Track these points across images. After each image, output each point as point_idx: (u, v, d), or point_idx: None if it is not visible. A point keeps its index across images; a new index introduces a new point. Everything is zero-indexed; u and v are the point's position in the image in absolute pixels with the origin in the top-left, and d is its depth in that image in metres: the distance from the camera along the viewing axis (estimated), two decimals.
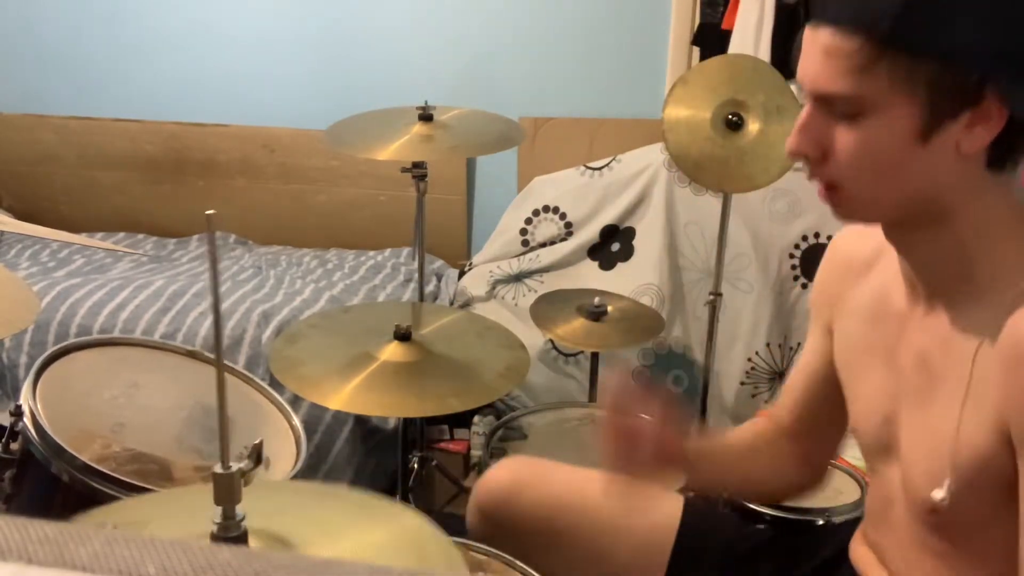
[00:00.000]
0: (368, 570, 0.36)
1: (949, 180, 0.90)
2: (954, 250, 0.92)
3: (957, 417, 0.90)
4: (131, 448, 1.43)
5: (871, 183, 0.90)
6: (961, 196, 0.90)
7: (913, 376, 0.98)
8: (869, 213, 0.95)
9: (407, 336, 1.67)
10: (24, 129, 3.24)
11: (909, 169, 0.89)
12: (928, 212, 0.91)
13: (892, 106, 0.86)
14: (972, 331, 0.91)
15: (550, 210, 2.74)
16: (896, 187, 0.90)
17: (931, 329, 0.96)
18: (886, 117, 0.86)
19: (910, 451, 0.99)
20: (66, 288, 2.49)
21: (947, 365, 0.93)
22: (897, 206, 0.92)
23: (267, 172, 3.14)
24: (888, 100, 0.86)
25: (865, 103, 0.86)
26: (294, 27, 3.06)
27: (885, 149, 0.88)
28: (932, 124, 0.86)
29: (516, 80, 2.97)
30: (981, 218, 0.91)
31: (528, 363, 1.73)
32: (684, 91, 2.03)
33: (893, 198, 0.91)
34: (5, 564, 0.34)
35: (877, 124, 0.87)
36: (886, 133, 0.87)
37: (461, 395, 1.61)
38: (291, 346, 1.72)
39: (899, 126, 0.86)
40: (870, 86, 0.85)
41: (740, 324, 2.53)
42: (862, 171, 0.90)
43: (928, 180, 0.89)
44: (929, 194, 0.90)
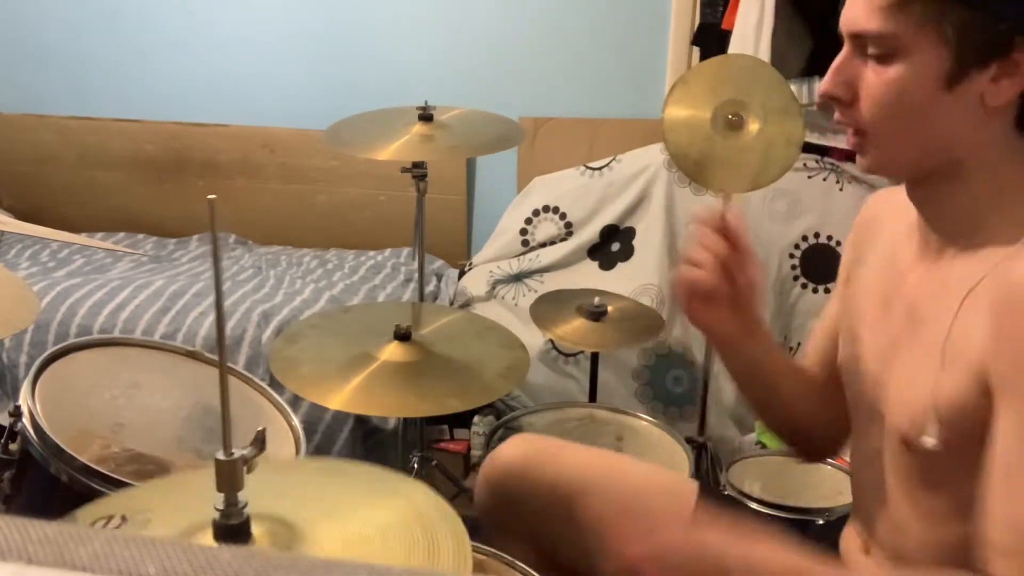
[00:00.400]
0: (368, 570, 0.36)
1: (972, 133, 0.91)
2: (968, 206, 0.93)
3: (937, 362, 0.92)
4: (130, 448, 1.43)
5: (895, 127, 0.92)
6: (983, 152, 0.91)
7: (902, 326, 1.00)
8: (892, 161, 0.96)
9: (407, 336, 1.67)
10: (24, 129, 3.25)
11: (933, 115, 0.90)
12: (949, 165, 0.93)
13: (921, 48, 0.88)
14: (962, 280, 0.92)
15: (550, 210, 2.74)
16: (919, 133, 0.92)
17: (924, 282, 0.98)
18: (915, 59, 0.88)
19: (896, 399, 1.00)
20: (66, 288, 2.49)
21: (933, 313, 0.95)
22: (919, 154, 0.93)
23: (267, 172, 3.14)
24: (918, 41, 0.88)
25: (896, 42, 0.89)
26: (294, 27, 3.06)
27: (911, 91, 0.90)
28: (958, 71, 0.88)
29: (516, 80, 2.97)
30: (1001, 177, 0.92)
31: (528, 363, 1.74)
32: (684, 91, 2.03)
33: (916, 145, 0.93)
34: (5, 564, 0.34)
35: (905, 66, 0.89)
36: (913, 75, 0.89)
37: (461, 395, 1.61)
38: (291, 346, 1.72)
39: (926, 69, 0.88)
40: (902, 25, 0.88)
41: None
42: (887, 113, 0.92)
43: (951, 129, 0.91)
44: (951, 144, 0.92)
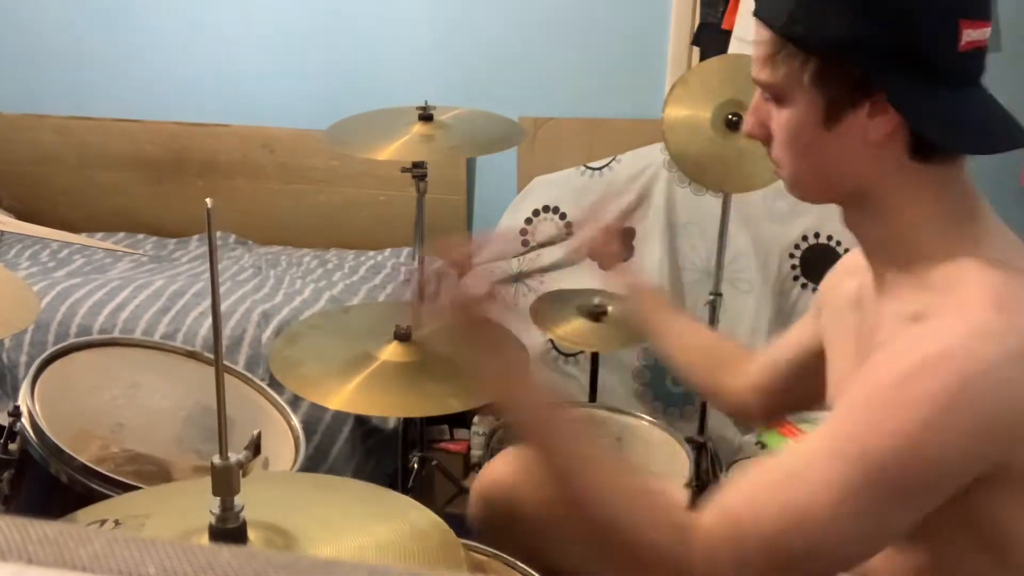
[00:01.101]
0: (368, 570, 0.36)
1: (866, 166, 0.94)
2: (889, 235, 0.96)
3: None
4: (130, 449, 1.43)
5: (795, 162, 0.98)
6: (883, 183, 0.94)
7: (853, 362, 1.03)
8: (804, 190, 1.01)
9: (407, 336, 1.67)
10: (24, 129, 3.25)
11: (823, 152, 0.95)
12: (857, 197, 0.97)
13: (796, 94, 0.94)
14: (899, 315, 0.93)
15: (550, 210, 2.74)
16: (815, 168, 0.97)
17: (876, 315, 1.00)
18: (795, 103, 0.94)
19: None
20: (66, 288, 2.49)
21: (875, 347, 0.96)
22: (829, 187, 0.99)
23: (267, 172, 3.14)
24: (792, 88, 0.94)
25: (778, 90, 0.95)
26: (294, 27, 3.06)
27: (799, 132, 0.95)
28: (831, 112, 0.92)
29: (516, 80, 2.97)
30: (911, 203, 0.94)
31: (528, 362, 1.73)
32: (684, 91, 2.03)
33: (815, 178, 0.99)
34: (5, 564, 0.34)
35: (790, 109, 0.95)
36: (797, 118, 0.95)
37: (461, 395, 1.60)
38: (291, 346, 1.72)
39: (805, 112, 0.94)
40: (777, 75, 0.94)
41: (740, 324, 2.53)
42: (787, 151, 0.98)
43: (844, 163, 0.95)
44: (848, 177, 0.96)
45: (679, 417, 2.59)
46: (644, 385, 2.60)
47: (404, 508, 0.86)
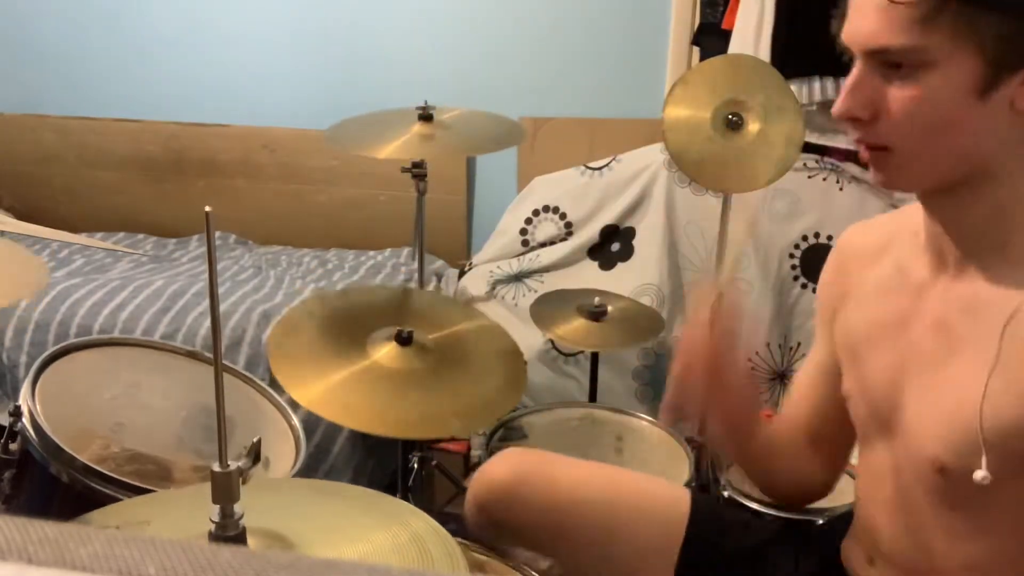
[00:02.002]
0: (368, 570, 0.36)
1: (1001, 139, 0.89)
2: (993, 215, 0.92)
3: (981, 385, 0.90)
4: (130, 448, 1.43)
5: (926, 141, 0.89)
6: (1010, 157, 0.90)
7: (927, 344, 0.98)
8: (920, 175, 0.93)
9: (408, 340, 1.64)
10: (24, 129, 3.25)
11: (966, 126, 0.88)
12: (975, 173, 0.91)
13: (953, 59, 0.85)
14: (1003, 299, 0.90)
15: (550, 210, 2.74)
16: (951, 145, 0.89)
17: (956, 296, 0.96)
18: (946, 71, 0.86)
19: (918, 418, 0.98)
20: (66, 288, 2.49)
21: (971, 331, 0.93)
22: (948, 167, 0.91)
23: (267, 172, 3.14)
24: (950, 53, 0.85)
25: (926, 56, 0.86)
26: (294, 27, 3.06)
27: (943, 104, 0.87)
28: (992, 78, 0.86)
29: (516, 80, 2.97)
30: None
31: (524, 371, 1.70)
32: (684, 91, 2.03)
33: (946, 157, 0.90)
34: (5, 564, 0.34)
35: (936, 78, 0.86)
36: (945, 88, 0.86)
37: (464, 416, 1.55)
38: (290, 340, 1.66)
39: (959, 80, 0.86)
40: (933, 37, 0.85)
41: (740, 324, 2.53)
42: (918, 128, 0.89)
43: (983, 138, 0.89)
44: (981, 153, 0.90)
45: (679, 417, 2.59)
46: (644, 385, 2.60)
47: (403, 513, 0.86)
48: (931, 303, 0.99)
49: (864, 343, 1.08)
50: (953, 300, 0.96)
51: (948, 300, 0.97)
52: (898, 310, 1.03)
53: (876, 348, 1.06)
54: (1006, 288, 0.90)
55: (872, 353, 1.07)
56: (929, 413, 0.97)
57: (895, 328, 1.03)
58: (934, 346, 0.97)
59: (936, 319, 0.98)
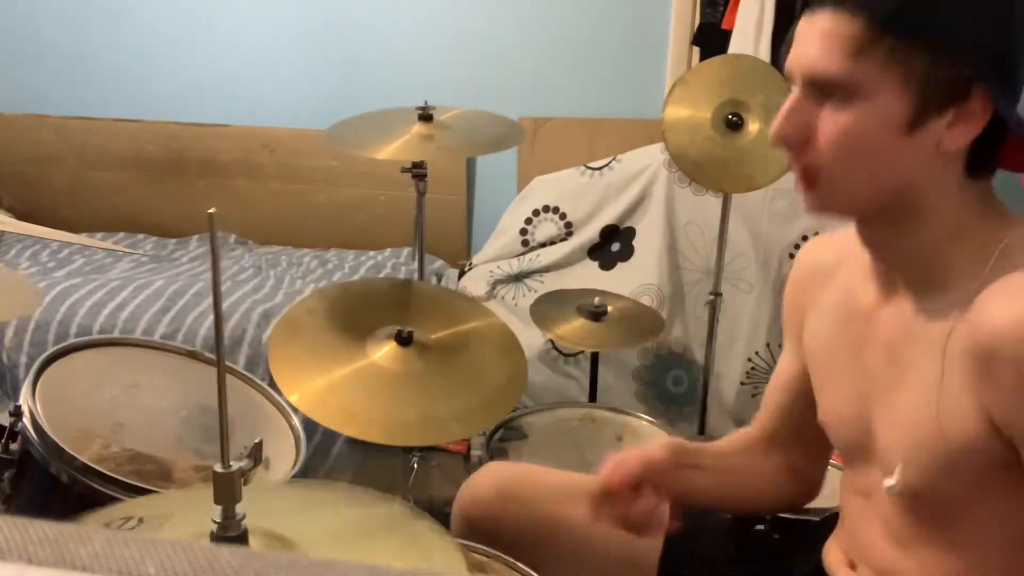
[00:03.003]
0: (368, 570, 0.36)
1: (925, 176, 0.91)
2: (925, 248, 0.93)
3: (933, 406, 0.91)
4: (130, 448, 1.43)
5: (851, 169, 0.91)
6: (936, 195, 0.92)
7: (882, 370, 0.99)
8: (844, 202, 0.95)
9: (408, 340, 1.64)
10: (24, 129, 3.25)
11: (889, 158, 0.90)
12: (901, 207, 0.93)
13: (883, 92, 0.87)
14: (938, 320, 0.92)
15: (550, 210, 2.74)
16: (874, 175, 0.91)
17: (898, 322, 0.97)
18: (875, 103, 0.88)
19: (887, 443, 0.99)
20: (66, 288, 2.49)
21: (914, 355, 0.94)
22: (872, 196, 0.93)
23: (267, 172, 3.14)
24: (880, 86, 0.87)
25: (858, 86, 0.88)
26: (294, 27, 3.06)
27: (870, 135, 0.89)
28: (918, 115, 0.88)
29: (516, 80, 2.97)
30: (953, 219, 0.92)
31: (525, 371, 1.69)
32: (684, 91, 2.03)
33: (869, 187, 0.92)
34: (5, 564, 0.34)
35: (865, 109, 0.88)
36: (873, 119, 0.88)
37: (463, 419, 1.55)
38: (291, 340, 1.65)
39: (886, 113, 0.88)
40: (865, 69, 0.87)
41: (740, 324, 2.53)
42: (844, 155, 0.91)
43: (906, 172, 0.91)
44: (904, 187, 0.92)
45: (679, 417, 2.59)
46: (644, 385, 2.60)
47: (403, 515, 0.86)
48: (880, 327, 1.00)
49: (826, 369, 1.10)
50: (899, 325, 0.97)
51: (895, 325, 0.98)
52: (852, 336, 1.04)
53: (838, 376, 1.07)
54: (943, 311, 0.92)
55: (835, 380, 1.08)
56: (896, 440, 0.97)
57: (851, 354, 1.04)
58: (888, 371, 0.98)
59: (885, 344, 0.99)
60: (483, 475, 1.35)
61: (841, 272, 1.09)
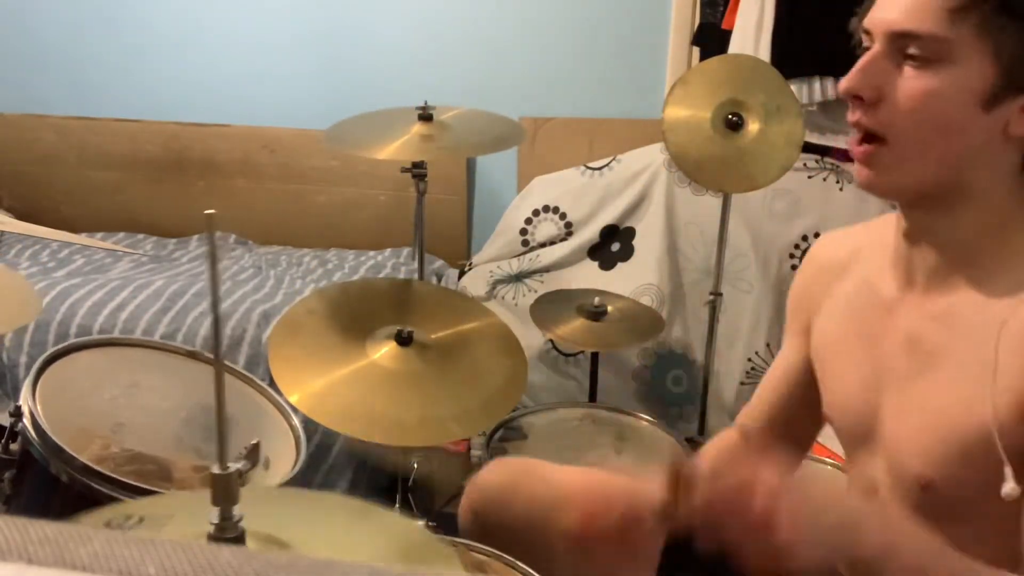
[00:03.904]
0: (368, 570, 0.36)
1: (988, 159, 0.90)
2: (970, 235, 0.92)
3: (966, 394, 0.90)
4: (130, 448, 1.43)
5: (922, 138, 0.89)
6: (990, 180, 0.91)
7: (900, 359, 0.98)
8: (906, 173, 0.92)
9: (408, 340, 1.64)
10: (24, 129, 3.24)
11: (962, 130, 0.88)
12: (957, 189, 0.91)
13: (971, 60, 0.85)
14: (983, 309, 0.90)
15: (550, 210, 2.74)
16: (943, 148, 0.89)
17: (928, 311, 0.96)
18: (961, 69, 0.86)
19: (896, 433, 0.98)
20: (66, 288, 2.49)
21: (948, 343, 0.93)
22: (935, 171, 0.90)
23: (267, 172, 3.14)
24: (969, 52, 0.85)
25: (947, 49, 0.86)
26: (294, 27, 3.06)
27: (950, 101, 0.87)
28: (1001, 91, 0.86)
29: (516, 80, 2.97)
30: (1005, 209, 0.92)
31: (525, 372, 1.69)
32: (684, 91, 2.03)
33: (935, 159, 0.90)
34: (5, 564, 0.34)
35: (949, 75, 0.86)
36: (955, 86, 0.86)
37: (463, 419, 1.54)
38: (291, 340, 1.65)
39: (970, 83, 0.86)
40: (959, 31, 0.85)
41: (740, 324, 2.53)
42: (919, 119, 0.88)
43: (974, 150, 0.89)
44: (968, 166, 0.90)
45: (679, 417, 2.59)
46: (644, 385, 2.60)
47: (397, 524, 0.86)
48: (901, 319, 0.99)
49: (836, 359, 1.09)
50: (926, 315, 0.96)
51: (920, 316, 0.97)
52: (868, 326, 1.03)
53: (848, 365, 1.06)
54: (986, 298, 0.91)
55: (845, 370, 1.07)
56: (909, 430, 0.96)
57: (866, 344, 1.03)
58: (908, 363, 0.97)
59: (908, 335, 0.98)
60: (491, 468, 1.37)
61: (857, 266, 1.08)
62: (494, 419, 1.75)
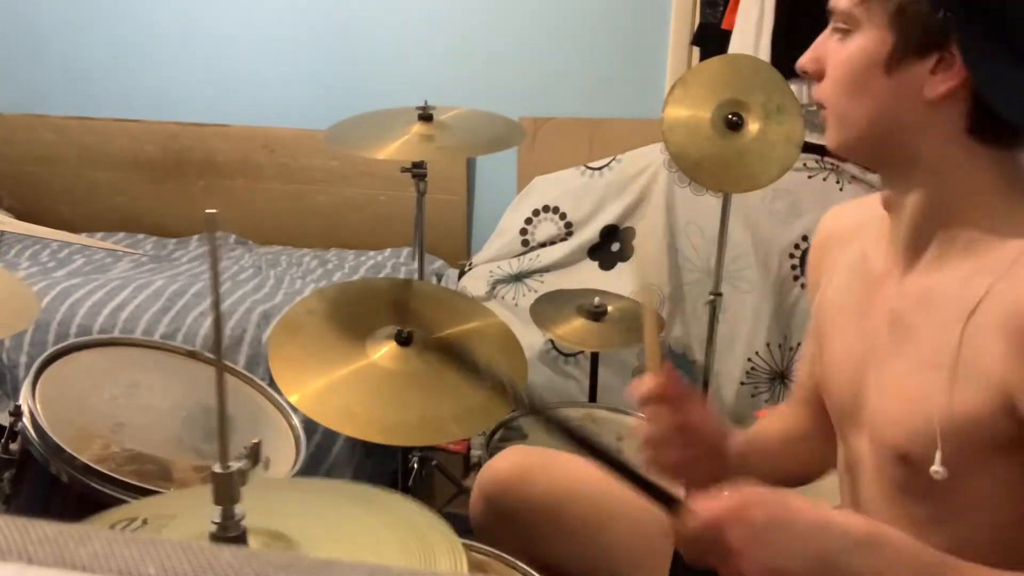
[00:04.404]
0: (368, 570, 0.36)
1: (919, 125, 0.91)
2: (934, 209, 0.93)
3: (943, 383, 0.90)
4: (130, 448, 1.43)
5: (842, 99, 0.95)
6: (934, 149, 0.92)
7: (883, 336, 0.99)
8: (844, 136, 0.97)
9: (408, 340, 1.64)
10: (24, 129, 3.25)
11: (874, 94, 0.92)
12: (901, 155, 0.93)
13: (871, 27, 0.91)
14: (958, 289, 0.91)
15: (550, 210, 2.74)
16: (861, 110, 0.94)
17: (909, 290, 0.97)
18: (864, 37, 0.92)
19: (878, 409, 0.99)
20: (66, 288, 2.49)
21: (926, 322, 0.93)
22: (865, 133, 0.95)
23: (267, 172, 3.14)
24: (868, 20, 0.91)
25: (854, 19, 0.92)
26: (294, 27, 3.06)
27: (857, 67, 0.93)
28: (897, 55, 0.90)
29: (516, 80, 2.97)
30: (963, 182, 0.92)
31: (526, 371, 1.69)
32: (684, 91, 2.03)
33: (862, 123, 0.95)
34: (5, 564, 0.34)
35: (857, 42, 0.92)
36: (861, 52, 0.92)
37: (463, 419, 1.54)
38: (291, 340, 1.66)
39: (872, 48, 0.91)
40: (860, 2, 0.91)
41: (740, 324, 2.53)
42: (837, 85, 0.95)
43: (892, 113, 0.92)
44: (896, 130, 0.93)
45: None
46: None
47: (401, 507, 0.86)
48: (886, 294, 1.00)
49: (829, 329, 1.09)
50: (908, 292, 0.97)
51: (902, 292, 0.97)
52: (859, 298, 1.04)
53: (839, 336, 1.07)
54: (961, 278, 0.91)
55: (836, 341, 1.08)
56: (889, 403, 0.97)
57: (856, 316, 1.04)
58: (889, 337, 0.98)
59: (891, 310, 0.98)
60: (504, 456, 1.39)
61: (858, 238, 1.09)
62: (494, 419, 1.75)
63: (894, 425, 0.96)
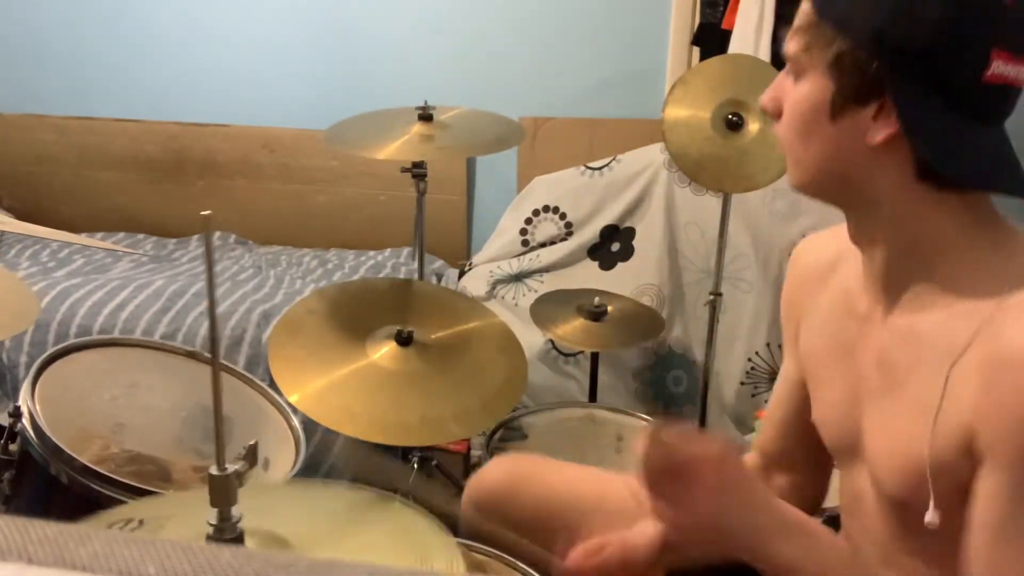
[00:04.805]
0: (368, 570, 0.36)
1: (868, 170, 0.91)
2: (908, 251, 0.93)
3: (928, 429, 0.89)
4: (130, 449, 1.43)
5: (796, 142, 0.96)
6: (887, 194, 0.91)
7: (873, 376, 0.98)
8: (798, 175, 0.98)
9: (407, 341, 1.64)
10: (24, 129, 3.25)
11: (822, 139, 0.93)
12: (858, 199, 0.93)
13: (815, 73, 0.91)
14: (942, 332, 0.90)
15: (550, 210, 2.74)
16: (812, 152, 0.94)
17: (895, 328, 0.96)
18: (810, 83, 0.92)
19: (874, 450, 0.98)
20: (66, 288, 2.49)
21: (912, 369, 0.93)
22: (817, 176, 0.95)
23: (267, 172, 3.14)
24: (812, 67, 0.91)
25: (799, 64, 0.93)
26: (294, 27, 3.06)
27: (806, 112, 0.93)
28: (839, 102, 0.90)
29: (516, 80, 2.97)
30: (933, 227, 0.91)
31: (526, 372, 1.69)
32: (684, 91, 2.03)
33: (812, 164, 0.95)
34: (5, 564, 0.34)
35: (804, 87, 0.93)
36: (807, 97, 0.92)
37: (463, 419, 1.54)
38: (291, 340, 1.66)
39: (816, 95, 0.92)
40: (804, 48, 0.92)
41: (740, 324, 2.53)
42: (790, 128, 0.96)
43: (841, 158, 0.92)
44: (846, 175, 0.93)
45: (679, 417, 2.59)
46: (644, 385, 2.60)
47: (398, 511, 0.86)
48: (873, 335, 0.99)
49: (821, 370, 1.09)
50: (893, 330, 0.96)
51: (889, 332, 0.96)
52: (846, 339, 1.03)
53: (831, 377, 1.06)
54: (943, 321, 0.90)
55: (828, 382, 1.07)
56: (882, 447, 0.97)
57: (845, 357, 1.03)
58: (879, 379, 0.97)
59: (879, 351, 0.97)
60: (494, 464, 1.37)
61: (838, 272, 1.08)
62: (494, 419, 1.75)
63: (891, 475, 0.95)
